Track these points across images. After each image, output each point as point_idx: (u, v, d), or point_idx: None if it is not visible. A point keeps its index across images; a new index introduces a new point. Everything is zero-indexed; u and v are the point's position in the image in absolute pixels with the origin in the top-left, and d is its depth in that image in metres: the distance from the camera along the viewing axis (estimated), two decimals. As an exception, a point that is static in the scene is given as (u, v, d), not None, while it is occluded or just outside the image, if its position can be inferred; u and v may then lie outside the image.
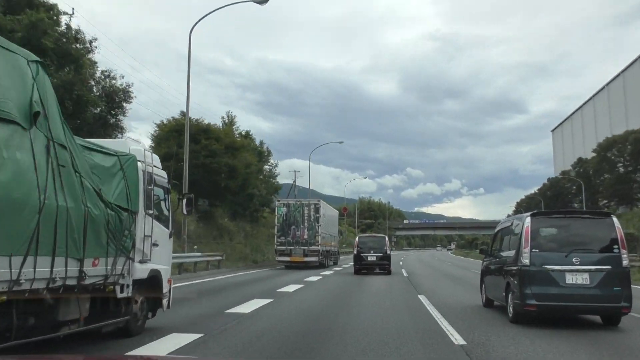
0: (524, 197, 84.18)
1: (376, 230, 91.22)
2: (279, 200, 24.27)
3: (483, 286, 9.45)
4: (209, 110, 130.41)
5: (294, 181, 46.81)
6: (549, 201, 57.74)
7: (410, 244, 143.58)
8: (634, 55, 58.46)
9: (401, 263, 27.91)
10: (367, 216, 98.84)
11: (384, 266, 19.09)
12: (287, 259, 22.51)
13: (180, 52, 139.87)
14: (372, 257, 19.24)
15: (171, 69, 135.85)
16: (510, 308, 7.23)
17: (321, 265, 22.70)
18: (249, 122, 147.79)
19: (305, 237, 22.38)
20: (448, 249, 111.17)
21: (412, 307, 8.89)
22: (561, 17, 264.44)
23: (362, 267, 19.06)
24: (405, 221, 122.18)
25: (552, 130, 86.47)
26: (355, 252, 19.81)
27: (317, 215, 22.65)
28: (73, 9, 16.96)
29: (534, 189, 77.17)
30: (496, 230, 9.24)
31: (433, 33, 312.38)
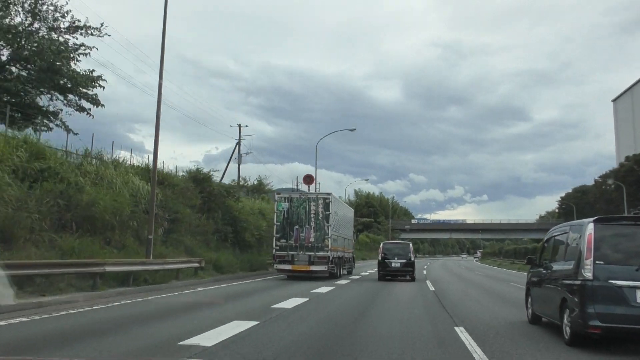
0: (570, 191, 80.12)
1: (375, 232, 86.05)
2: (279, 194, 22.36)
3: (529, 300, 9.76)
4: (214, 112, 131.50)
5: (238, 142, 42.76)
6: (630, 188, 53.23)
7: (418, 250, 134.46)
8: (637, 64, 54.13)
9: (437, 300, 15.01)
10: (365, 213, 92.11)
11: (408, 272, 22.15)
12: (288, 267, 20.77)
13: (184, 57, 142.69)
14: (396, 263, 22.04)
15: (175, 72, 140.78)
16: (567, 328, 7.28)
17: (332, 276, 21.40)
18: (252, 127, 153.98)
19: (312, 240, 20.60)
20: (475, 258, 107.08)
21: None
22: (564, 25, 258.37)
23: (386, 274, 22.11)
24: (413, 220, 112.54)
25: (614, 100, 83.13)
26: (379, 258, 22.61)
27: (327, 212, 20.85)
28: None
29: (535, 196, 72.22)
30: (546, 237, 9.38)
31: (435, 40, 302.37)
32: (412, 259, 22.30)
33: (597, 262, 6.82)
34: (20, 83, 19.49)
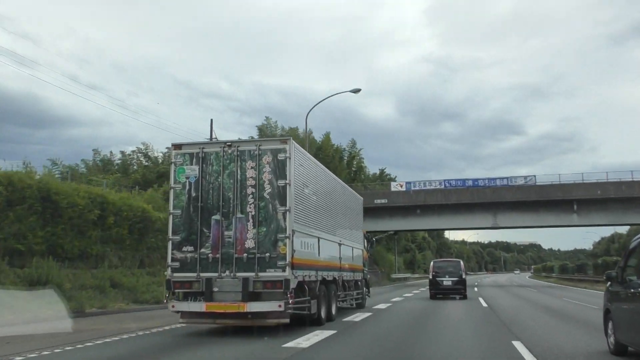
0: None
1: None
2: (178, 148, 10.34)
3: (610, 325, 8.41)
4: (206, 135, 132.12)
5: None
6: None
7: (399, 269, 70.14)
8: (629, 76, 46.61)
9: None
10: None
11: (459, 291, 22.73)
12: (197, 308, 9.74)
13: (176, 78, 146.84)
14: (447, 281, 22.70)
15: (167, 95, 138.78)
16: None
17: (304, 320, 10.84)
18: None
19: (249, 244, 9.74)
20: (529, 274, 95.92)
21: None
22: (556, 38, 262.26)
23: (438, 292, 22.91)
24: (394, 186, 46.75)
25: None
26: (430, 276, 23.41)
27: (283, 181, 9.81)
28: None
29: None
30: (632, 246, 7.83)
31: (427, 56, 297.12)
32: (464, 276, 22.89)
33: None
34: None
